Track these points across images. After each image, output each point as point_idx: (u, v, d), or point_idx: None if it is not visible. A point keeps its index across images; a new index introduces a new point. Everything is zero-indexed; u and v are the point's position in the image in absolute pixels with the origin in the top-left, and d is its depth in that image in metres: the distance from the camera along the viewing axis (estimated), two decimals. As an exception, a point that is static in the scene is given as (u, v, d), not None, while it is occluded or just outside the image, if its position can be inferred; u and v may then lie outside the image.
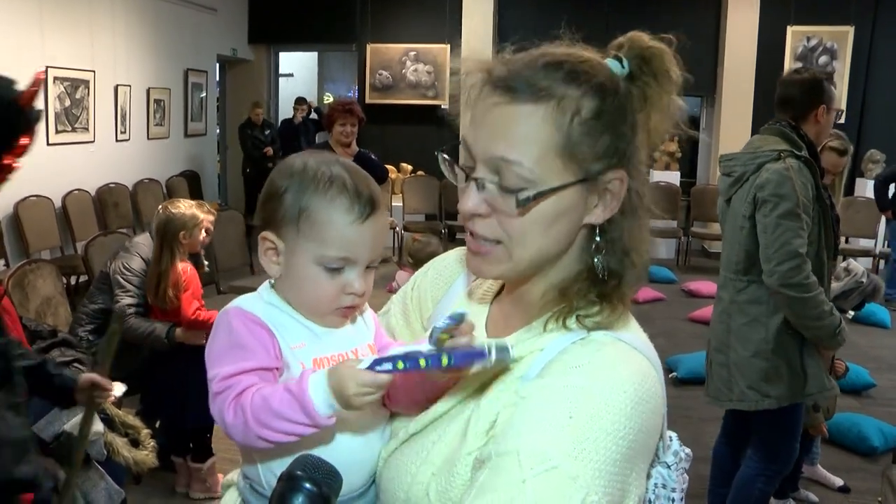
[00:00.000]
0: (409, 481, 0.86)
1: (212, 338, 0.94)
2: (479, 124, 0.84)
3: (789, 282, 2.36)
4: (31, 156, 5.07)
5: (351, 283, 0.93)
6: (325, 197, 0.91)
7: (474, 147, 0.84)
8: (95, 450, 2.23)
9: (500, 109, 0.82)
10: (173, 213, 3.12)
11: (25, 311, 3.39)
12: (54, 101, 6.19)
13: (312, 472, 0.77)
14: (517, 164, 0.80)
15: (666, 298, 6.82)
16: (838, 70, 8.46)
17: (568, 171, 0.82)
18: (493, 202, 0.83)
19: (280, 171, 0.95)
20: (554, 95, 0.81)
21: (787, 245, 2.35)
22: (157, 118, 7.91)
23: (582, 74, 0.82)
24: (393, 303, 1.14)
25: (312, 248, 0.92)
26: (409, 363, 0.80)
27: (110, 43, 6.98)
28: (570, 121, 0.81)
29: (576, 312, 0.86)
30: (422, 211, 8.58)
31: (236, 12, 9.58)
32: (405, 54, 9.20)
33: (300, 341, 0.93)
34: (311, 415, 0.83)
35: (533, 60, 0.84)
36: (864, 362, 4.99)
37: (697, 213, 8.42)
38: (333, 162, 0.94)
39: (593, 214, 0.85)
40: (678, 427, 0.98)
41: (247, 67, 10.09)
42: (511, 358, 0.82)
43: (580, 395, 0.76)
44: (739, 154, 2.60)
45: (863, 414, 4.16)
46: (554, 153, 0.81)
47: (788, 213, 2.36)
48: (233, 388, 0.88)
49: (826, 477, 3.53)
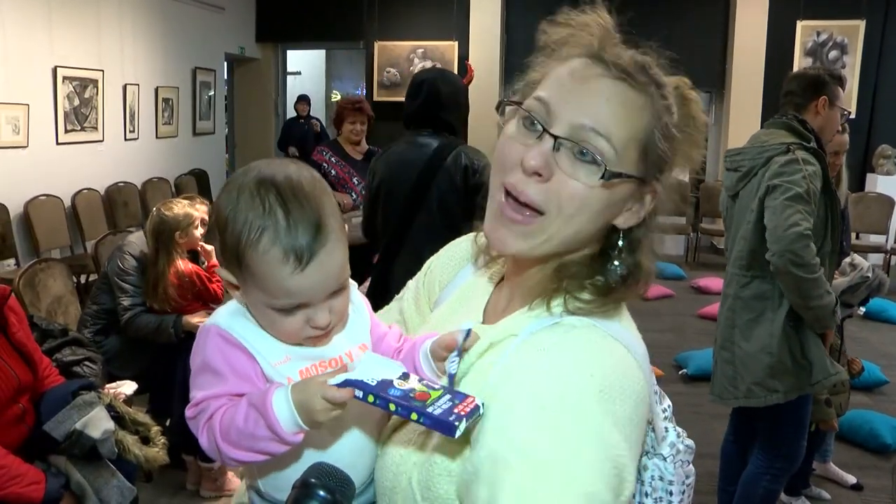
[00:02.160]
0: (394, 470, 0.86)
1: (193, 351, 0.91)
2: (573, 88, 0.82)
3: (798, 261, 2.34)
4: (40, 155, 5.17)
5: (312, 318, 0.86)
6: (257, 251, 0.82)
7: (558, 107, 0.82)
8: (107, 447, 2.24)
9: (604, 82, 0.82)
10: (166, 215, 3.14)
11: (36, 310, 3.41)
12: (63, 100, 6.21)
13: (326, 480, 0.77)
14: (607, 137, 0.80)
15: (675, 295, 6.80)
16: (849, 64, 8.40)
17: (638, 166, 0.83)
18: (566, 168, 0.80)
19: (222, 203, 0.85)
20: (650, 93, 0.83)
21: (796, 226, 2.34)
22: (166, 117, 7.93)
23: (664, 87, 0.86)
24: (407, 288, 1.15)
25: (260, 296, 0.85)
26: (379, 402, 0.78)
27: (118, 42, 7.00)
28: (659, 120, 0.83)
29: (565, 293, 0.85)
30: (430, 208, 8.58)
31: (244, 11, 9.59)
32: (413, 51, 9.19)
33: (283, 356, 0.89)
34: (277, 431, 0.80)
35: (636, 56, 0.85)
36: (875, 359, 4.97)
37: (706, 209, 8.38)
38: (269, 187, 0.83)
39: (623, 217, 0.86)
40: (687, 424, 0.98)
41: (255, 66, 10.11)
42: (481, 416, 0.78)
43: (546, 380, 0.75)
44: (747, 148, 2.60)
45: (875, 411, 4.14)
46: (636, 143, 0.82)
47: (796, 196, 2.36)
48: (203, 412, 0.87)
49: (838, 474, 3.51)
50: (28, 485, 2.10)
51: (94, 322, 3.32)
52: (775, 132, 2.56)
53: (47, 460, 2.28)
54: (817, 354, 2.52)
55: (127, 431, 2.34)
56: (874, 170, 8.25)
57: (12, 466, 2.10)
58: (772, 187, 2.42)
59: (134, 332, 3.21)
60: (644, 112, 0.82)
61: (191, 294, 3.22)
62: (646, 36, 0.89)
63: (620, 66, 0.82)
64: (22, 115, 5.73)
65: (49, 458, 2.28)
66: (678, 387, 4.55)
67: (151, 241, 3.16)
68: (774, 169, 2.43)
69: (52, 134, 6.14)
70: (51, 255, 5.70)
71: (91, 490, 2.20)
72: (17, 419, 2.30)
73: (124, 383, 3.23)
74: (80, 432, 2.21)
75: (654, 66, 0.86)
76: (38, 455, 2.27)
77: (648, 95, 0.83)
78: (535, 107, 0.83)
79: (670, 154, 0.86)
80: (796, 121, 2.54)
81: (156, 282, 3.12)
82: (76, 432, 2.22)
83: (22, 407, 2.32)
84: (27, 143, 5.80)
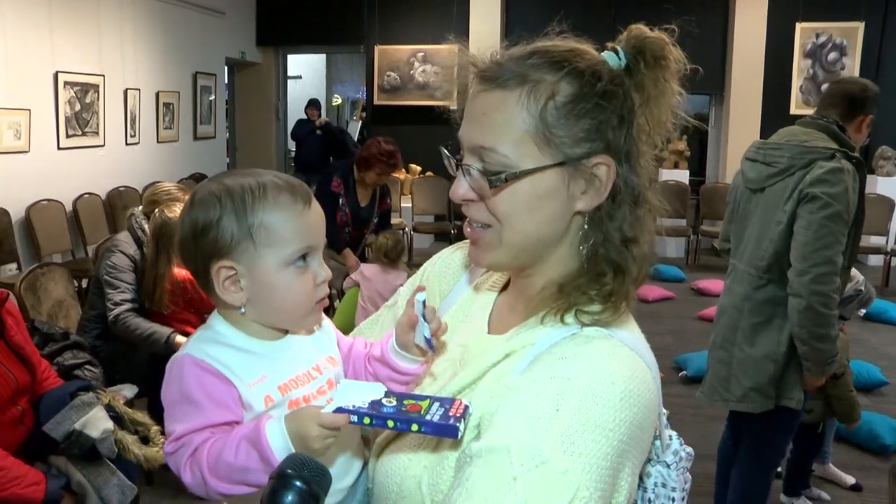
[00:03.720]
0: (401, 474, 0.86)
1: (165, 385, 0.91)
2: (466, 115, 0.88)
3: (818, 288, 2.27)
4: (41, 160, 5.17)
5: (318, 272, 0.93)
6: (268, 200, 0.90)
7: (462, 137, 0.88)
8: (106, 447, 2.24)
9: (481, 98, 0.85)
10: (169, 217, 3.08)
11: (38, 313, 3.42)
12: (64, 105, 6.23)
13: (302, 470, 0.78)
14: (492, 150, 0.83)
15: (675, 297, 6.80)
16: (848, 66, 8.41)
17: (545, 155, 0.83)
18: (478, 187, 0.85)
19: (201, 203, 0.91)
20: (528, 80, 0.82)
21: (827, 249, 2.27)
22: (167, 121, 7.95)
23: (563, 62, 0.83)
24: (400, 295, 1.14)
25: (275, 254, 0.90)
26: (376, 422, 0.81)
27: (119, 47, 7.03)
28: (545, 105, 0.82)
29: (575, 308, 0.85)
30: (431, 212, 8.59)
31: (244, 15, 9.61)
32: (413, 55, 9.21)
33: (259, 374, 0.90)
34: (271, 462, 0.81)
35: (519, 51, 0.86)
36: (875, 360, 4.97)
37: (707, 211, 8.38)
38: (247, 173, 0.94)
39: (581, 201, 0.85)
40: (687, 425, 0.99)
41: (255, 70, 10.13)
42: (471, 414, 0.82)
43: (566, 386, 0.76)
44: (786, 144, 2.44)
45: (874, 412, 4.13)
46: (529, 137, 0.83)
47: (836, 215, 2.27)
48: (186, 446, 0.87)
49: (838, 475, 3.51)
50: (28, 486, 2.12)
51: (93, 327, 3.32)
52: (814, 133, 2.43)
53: (47, 461, 2.29)
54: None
55: (126, 431, 2.35)
56: (874, 171, 8.25)
57: (12, 468, 2.11)
58: (811, 197, 2.30)
59: (122, 331, 3.14)
60: (521, 105, 0.82)
61: (182, 300, 3.15)
62: None
63: (492, 74, 0.85)
64: (23, 120, 5.75)
65: (49, 458, 2.29)
66: (678, 388, 4.55)
67: (152, 242, 3.12)
68: (817, 174, 2.30)
69: (53, 139, 6.16)
70: (52, 259, 5.72)
71: (92, 489, 2.21)
72: (16, 421, 2.31)
73: (125, 386, 3.24)
74: (80, 432, 2.22)
75: (550, 46, 0.86)
76: (38, 456, 2.29)
77: (525, 83, 0.82)
78: (459, 144, 0.90)
79: (602, 120, 0.82)
80: (837, 127, 2.43)
81: (154, 284, 3.09)
82: (75, 432, 2.23)
83: (21, 409, 2.33)
84: (28, 148, 5.82)
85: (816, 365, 2.39)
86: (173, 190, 3.36)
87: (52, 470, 2.26)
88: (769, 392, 2.48)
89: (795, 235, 2.34)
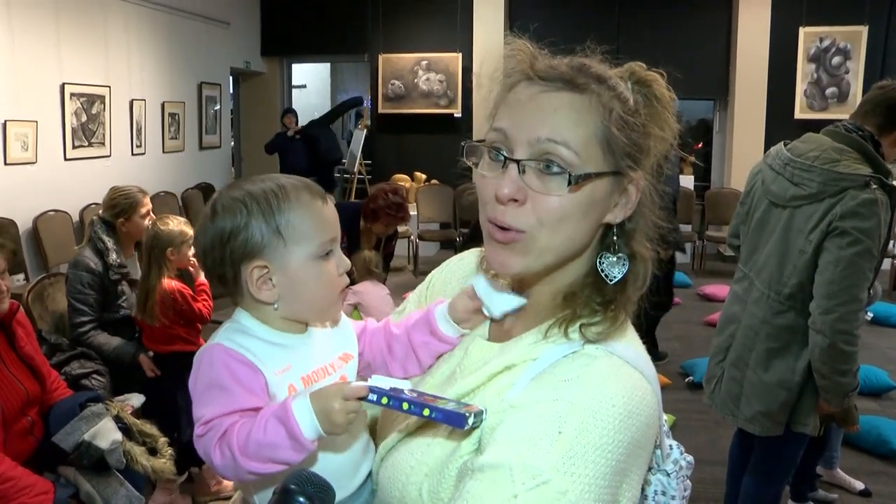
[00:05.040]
0: (403, 480, 0.88)
1: (194, 374, 0.95)
2: (520, 110, 0.85)
3: (842, 327, 2.20)
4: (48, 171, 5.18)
5: (340, 261, 0.99)
6: (290, 200, 0.95)
7: (513, 132, 0.85)
8: (114, 458, 2.26)
9: (546, 96, 0.84)
10: (161, 229, 3.09)
11: (45, 324, 3.44)
12: (71, 116, 6.28)
13: (305, 486, 0.79)
14: (566, 144, 0.82)
15: (681, 302, 6.78)
16: (852, 70, 8.40)
17: (605, 162, 0.84)
18: (535, 186, 0.83)
19: (225, 211, 0.96)
20: (594, 90, 0.84)
21: (855, 287, 2.20)
22: (172, 132, 7.99)
23: (609, 80, 0.87)
24: (409, 301, 1.17)
25: (303, 249, 0.95)
26: (392, 402, 0.84)
27: (125, 58, 7.07)
28: (610, 113, 0.84)
29: (579, 321, 0.87)
30: (436, 220, 8.60)
31: (249, 25, 9.66)
32: (417, 63, 9.24)
33: (285, 364, 0.95)
34: (297, 437, 0.85)
35: (569, 62, 0.88)
36: (883, 364, 4.95)
37: (712, 216, 8.37)
38: (259, 179, 0.99)
39: (613, 213, 0.88)
40: (694, 431, 1.00)
41: (260, 80, 10.17)
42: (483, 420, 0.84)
43: (569, 409, 0.77)
44: (817, 168, 2.30)
45: (883, 416, 4.12)
46: (596, 140, 0.84)
47: (866, 252, 2.19)
48: (215, 429, 0.90)
49: (846, 480, 3.49)
50: (37, 496, 2.13)
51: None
52: (847, 151, 2.29)
53: (56, 471, 2.30)
54: None
55: (134, 442, 2.36)
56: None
57: (21, 478, 2.13)
58: (841, 231, 2.20)
59: (86, 346, 3.21)
60: (592, 110, 0.84)
61: (172, 312, 3.12)
62: (649, 44, 0.91)
63: (556, 76, 0.85)
64: (30, 131, 5.79)
65: (58, 469, 2.30)
66: (685, 394, 4.54)
67: (144, 255, 3.13)
68: (850, 206, 2.19)
69: (60, 150, 6.20)
70: (59, 269, 5.74)
71: (100, 499, 2.22)
72: (26, 431, 2.32)
73: (132, 396, 3.24)
74: (89, 443, 2.24)
75: (593, 64, 0.88)
76: (47, 466, 2.30)
77: (592, 93, 0.84)
78: (496, 138, 0.87)
79: (638, 139, 0.86)
80: (871, 140, 2.31)
81: (146, 297, 3.08)
82: (84, 443, 2.24)
83: (30, 419, 2.35)
84: (36, 160, 5.86)
85: (836, 397, 2.34)
86: (132, 192, 3.36)
87: (61, 480, 2.27)
88: (779, 418, 2.43)
89: (822, 270, 2.25)
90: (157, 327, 3.12)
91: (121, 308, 3.34)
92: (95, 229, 3.33)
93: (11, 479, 2.09)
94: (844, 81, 8.44)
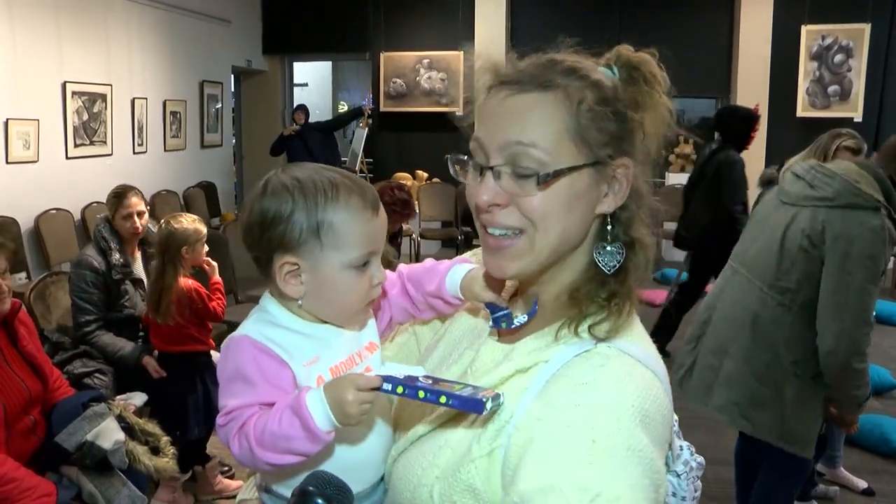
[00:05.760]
0: (414, 482, 0.87)
1: (221, 363, 0.94)
2: (491, 117, 0.88)
3: (854, 349, 2.26)
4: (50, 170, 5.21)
5: (375, 274, 0.95)
6: (340, 203, 0.91)
7: (486, 140, 0.87)
8: (117, 458, 2.26)
9: (512, 99, 0.86)
10: (175, 227, 3.08)
11: (48, 322, 3.44)
12: (72, 115, 6.27)
13: (324, 488, 0.78)
14: (533, 145, 0.83)
15: (683, 301, 6.77)
16: (854, 68, 8.38)
17: (581, 154, 0.85)
18: (511, 189, 0.85)
19: (273, 194, 0.92)
20: (560, 85, 0.85)
21: (864, 311, 2.26)
22: (174, 130, 7.99)
23: (580, 70, 0.86)
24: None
25: (340, 256, 0.92)
26: (408, 391, 0.83)
27: (126, 57, 7.07)
28: (579, 106, 0.84)
29: (586, 320, 0.87)
30: (438, 218, 8.59)
31: (250, 23, 9.65)
32: (419, 62, 9.23)
33: (314, 355, 0.93)
34: (311, 429, 0.83)
35: (536, 60, 0.88)
36: (886, 363, 4.94)
37: (714, 215, 8.35)
38: (318, 169, 0.95)
39: (604, 203, 0.88)
40: (694, 431, 1.00)
41: (262, 78, 10.17)
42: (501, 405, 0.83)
43: (593, 414, 0.77)
44: (839, 176, 2.36)
45: (885, 415, 4.12)
46: (567, 136, 0.84)
47: (874, 277, 2.27)
48: (236, 419, 0.89)
49: (849, 479, 3.49)
50: (39, 497, 2.12)
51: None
52: (868, 178, 2.35)
53: (59, 471, 2.30)
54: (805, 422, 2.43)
55: (137, 442, 2.36)
56: (882, 173, 8.22)
57: (24, 479, 2.12)
58: (847, 255, 2.26)
59: (90, 346, 3.23)
60: (560, 105, 0.84)
61: (188, 311, 3.12)
62: (650, 43, 0.91)
63: (521, 78, 0.86)
64: (32, 130, 5.79)
65: (61, 468, 2.30)
66: (687, 393, 4.54)
67: (158, 254, 3.11)
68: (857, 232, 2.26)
69: (61, 148, 6.19)
70: (61, 268, 5.74)
71: (103, 500, 2.22)
72: (29, 431, 2.32)
73: (134, 395, 3.25)
74: (92, 443, 2.24)
75: (566, 56, 0.89)
76: (49, 466, 2.30)
77: (558, 87, 0.85)
78: (473, 147, 0.89)
79: (619, 125, 0.86)
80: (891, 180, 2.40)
81: (160, 296, 3.06)
82: (87, 443, 2.24)
83: (33, 419, 2.34)
84: (37, 158, 5.85)
85: (852, 406, 2.40)
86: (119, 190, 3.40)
87: (64, 480, 2.27)
88: (747, 413, 2.45)
89: (831, 293, 2.30)
90: (167, 326, 3.10)
91: (124, 307, 3.34)
92: (99, 228, 3.36)
93: (14, 480, 2.09)
94: (847, 80, 8.42)
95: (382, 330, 1.05)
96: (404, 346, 1.12)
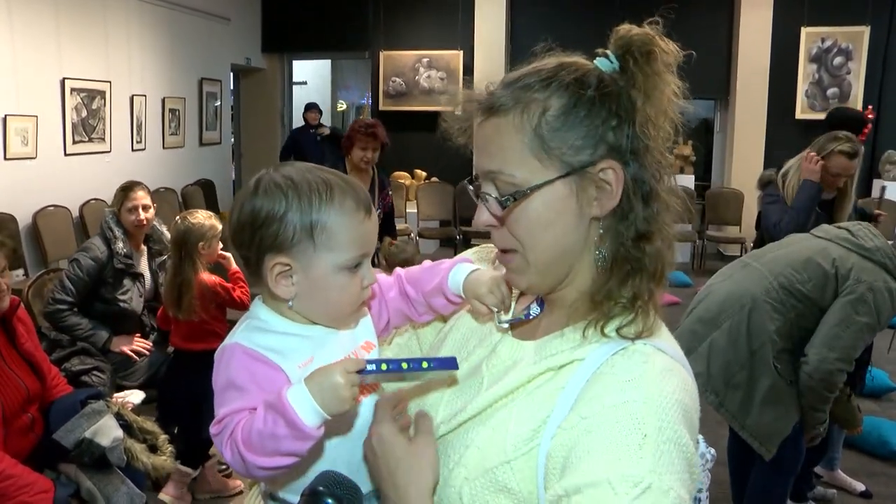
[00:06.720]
0: (441, 483, 0.86)
1: (215, 373, 0.93)
2: (475, 145, 0.92)
3: (831, 379, 2.45)
4: (48, 166, 5.21)
5: (366, 276, 0.95)
6: (335, 204, 0.91)
7: (476, 168, 0.91)
8: (115, 455, 2.25)
9: (482, 128, 0.89)
10: (192, 223, 3.06)
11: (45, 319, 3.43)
12: (71, 112, 6.26)
13: (334, 489, 0.78)
14: (500, 173, 0.86)
15: (682, 302, 6.77)
16: (853, 71, 8.40)
17: (549, 169, 0.85)
18: (496, 212, 0.88)
19: (266, 193, 0.91)
20: (520, 102, 0.85)
21: (853, 350, 2.45)
22: (173, 127, 7.97)
23: (550, 79, 0.86)
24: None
25: (332, 257, 0.91)
26: (392, 365, 0.86)
27: (125, 54, 7.06)
28: (538, 121, 0.84)
29: (611, 321, 0.87)
30: (436, 217, 8.59)
31: (250, 21, 9.65)
32: (418, 61, 9.23)
33: (308, 356, 0.92)
34: (297, 424, 0.81)
35: (510, 77, 0.89)
36: (883, 365, 4.94)
37: (712, 216, 8.37)
38: (311, 168, 0.94)
39: (595, 207, 0.86)
40: (696, 430, 1.00)
41: (261, 76, 10.16)
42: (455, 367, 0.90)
43: (643, 409, 0.78)
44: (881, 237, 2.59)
45: (883, 417, 4.12)
46: (530, 155, 0.85)
47: (873, 328, 2.46)
48: (227, 426, 0.88)
49: (847, 481, 3.49)
50: (37, 494, 2.12)
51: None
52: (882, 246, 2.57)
53: (57, 469, 2.29)
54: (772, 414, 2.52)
55: (135, 440, 2.35)
56: (880, 175, 8.23)
57: (21, 476, 2.12)
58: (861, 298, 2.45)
59: (57, 324, 3.24)
60: (516, 126, 0.85)
61: (213, 306, 3.10)
62: None
63: (483, 107, 0.89)
64: (31, 126, 5.78)
65: (59, 466, 2.30)
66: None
67: (174, 251, 3.09)
68: (878, 285, 2.46)
69: (60, 145, 6.18)
70: (59, 265, 5.73)
71: (101, 497, 2.22)
72: (27, 428, 2.32)
73: (132, 392, 3.24)
74: (90, 440, 2.23)
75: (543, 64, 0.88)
76: (47, 463, 2.29)
77: (513, 108, 0.85)
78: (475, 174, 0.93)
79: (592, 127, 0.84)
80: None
81: (179, 292, 3.01)
82: (85, 440, 2.23)
83: (31, 416, 2.34)
84: (36, 155, 5.84)
85: (810, 423, 2.58)
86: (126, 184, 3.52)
87: (62, 478, 2.27)
88: (715, 385, 2.52)
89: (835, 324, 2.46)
90: (188, 324, 3.07)
91: (120, 301, 3.34)
92: (106, 219, 3.43)
93: (11, 476, 2.08)
94: (846, 82, 8.44)
95: (380, 333, 1.05)
96: (405, 346, 1.12)
